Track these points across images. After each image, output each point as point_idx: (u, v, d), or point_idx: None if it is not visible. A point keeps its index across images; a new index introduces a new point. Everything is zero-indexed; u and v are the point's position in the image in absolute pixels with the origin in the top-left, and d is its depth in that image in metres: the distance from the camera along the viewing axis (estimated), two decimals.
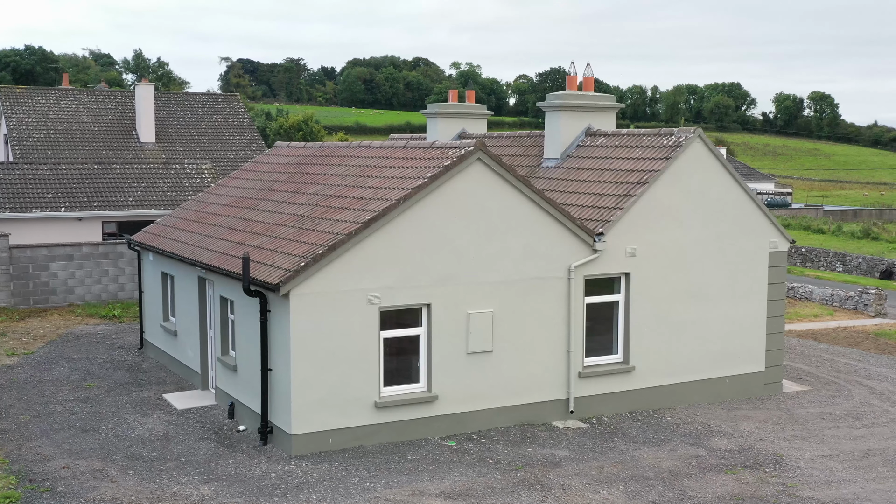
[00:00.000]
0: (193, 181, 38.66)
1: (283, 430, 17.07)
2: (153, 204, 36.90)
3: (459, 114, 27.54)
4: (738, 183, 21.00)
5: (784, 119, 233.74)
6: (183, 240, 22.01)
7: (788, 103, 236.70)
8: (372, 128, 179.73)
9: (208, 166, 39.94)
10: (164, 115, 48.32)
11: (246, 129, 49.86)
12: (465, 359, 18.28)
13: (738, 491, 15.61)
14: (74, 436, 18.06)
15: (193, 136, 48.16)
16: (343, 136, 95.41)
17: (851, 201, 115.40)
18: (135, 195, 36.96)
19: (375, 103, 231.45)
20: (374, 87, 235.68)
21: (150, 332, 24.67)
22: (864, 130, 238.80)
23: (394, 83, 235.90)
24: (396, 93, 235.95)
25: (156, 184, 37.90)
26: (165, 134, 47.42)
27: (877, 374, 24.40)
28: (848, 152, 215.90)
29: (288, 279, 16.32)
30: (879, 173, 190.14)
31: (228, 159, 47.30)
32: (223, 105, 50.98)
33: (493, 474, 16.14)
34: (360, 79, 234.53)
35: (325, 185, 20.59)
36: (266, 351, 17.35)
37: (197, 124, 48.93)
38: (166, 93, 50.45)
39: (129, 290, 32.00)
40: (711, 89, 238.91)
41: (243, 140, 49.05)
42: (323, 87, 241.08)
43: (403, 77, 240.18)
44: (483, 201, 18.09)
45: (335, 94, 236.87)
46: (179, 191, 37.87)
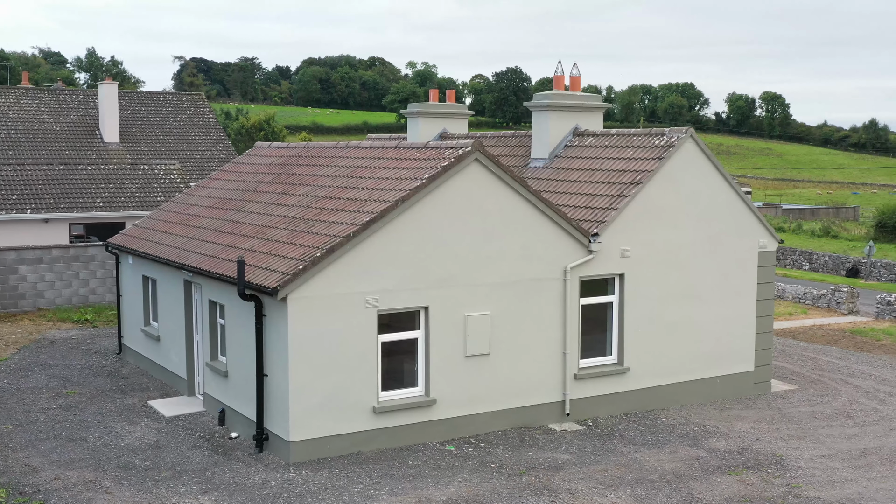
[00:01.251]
0: (162, 182, 37.95)
1: (281, 436, 16.69)
2: (122, 205, 36.16)
3: (441, 113, 27.25)
4: (728, 183, 21.00)
5: (737, 119, 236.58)
6: (166, 242, 21.49)
7: (741, 103, 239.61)
8: (329, 127, 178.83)
9: (177, 167, 39.24)
10: (127, 115, 47.40)
11: (212, 129, 49.11)
12: (463, 362, 18.03)
13: (744, 492, 15.54)
14: (61, 445, 17.51)
15: (158, 136, 47.32)
16: (306, 136, 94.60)
17: (806, 200, 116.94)
18: (102, 196, 36.18)
19: (332, 103, 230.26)
20: (330, 87, 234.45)
21: (130, 336, 24.08)
22: (814, 130, 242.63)
23: (350, 83, 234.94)
24: (353, 92, 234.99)
25: (123, 185, 37.14)
26: (130, 134, 46.54)
27: (860, 372, 24.58)
28: (799, 151, 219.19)
29: (286, 283, 15.95)
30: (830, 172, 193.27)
31: (195, 160, 46.57)
32: (188, 105, 50.16)
33: (497, 479, 15.91)
34: (315, 78, 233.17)
35: (314, 185, 20.21)
36: (261, 356, 16.96)
37: (162, 124, 48.08)
38: (130, 92, 49.52)
39: (101, 293, 31.30)
40: (665, 89, 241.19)
41: (209, 140, 48.31)
42: (278, 87, 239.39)
43: (359, 76, 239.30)
44: (480, 202, 17.86)
45: (291, 93, 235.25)
46: (148, 192, 37.16)
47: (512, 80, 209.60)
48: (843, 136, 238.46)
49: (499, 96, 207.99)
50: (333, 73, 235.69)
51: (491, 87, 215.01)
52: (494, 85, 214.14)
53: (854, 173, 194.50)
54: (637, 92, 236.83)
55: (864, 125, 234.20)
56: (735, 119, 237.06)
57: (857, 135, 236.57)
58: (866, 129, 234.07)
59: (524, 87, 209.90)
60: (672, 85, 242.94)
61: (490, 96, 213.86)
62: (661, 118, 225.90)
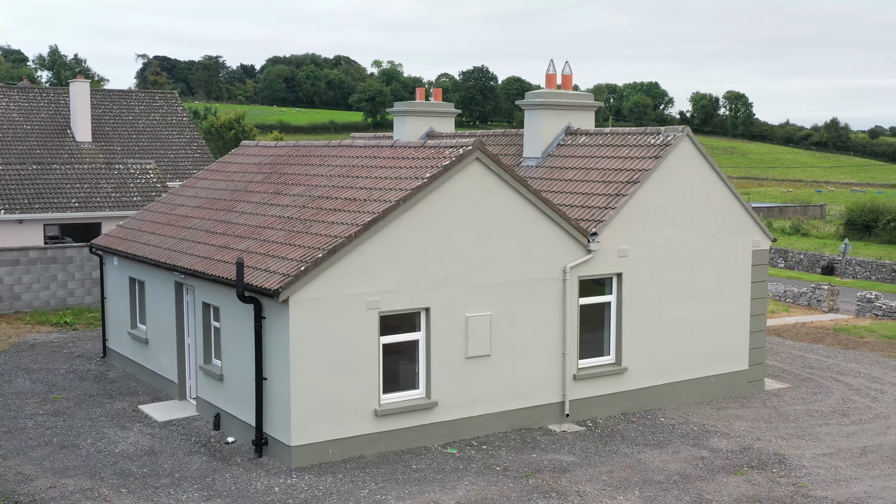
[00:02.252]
0: (138, 182, 37.35)
1: (282, 441, 16.38)
2: (97, 205, 35.53)
3: (428, 112, 27.03)
4: (723, 181, 20.98)
5: (701, 118, 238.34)
6: (155, 243, 21.06)
7: (705, 102, 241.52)
8: (296, 126, 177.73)
9: (153, 166, 38.64)
10: (99, 114, 46.63)
11: (185, 128, 48.47)
12: (464, 363, 17.82)
13: (752, 493, 15.48)
14: (54, 452, 17.06)
15: (131, 134, 46.61)
16: (277, 136, 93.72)
17: (772, 198, 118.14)
18: (77, 196, 35.53)
19: (297, 101, 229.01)
20: (295, 86, 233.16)
21: (115, 339, 23.59)
22: (776, 129, 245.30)
23: (316, 81, 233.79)
24: (318, 91, 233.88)
25: (99, 185, 36.50)
26: (102, 133, 45.79)
27: (848, 369, 24.69)
28: (762, 150, 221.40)
29: (288, 284, 15.64)
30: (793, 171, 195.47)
31: (169, 159, 45.92)
32: (161, 103, 49.45)
33: (504, 482, 15.72)
34: (281, 77, 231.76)
35: (309, 185, 19.89)
36: (261, 359, 16.63)
37: (134, 123, 47.37)
38: (101, 90, 48.71)
39: (79, 295, 30.71)
40: (630, 88, 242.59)
41: (183, 139, 47.67)
42: (243, 85, 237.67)
43: (325, 75, 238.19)
44: (481, 202, 17.66)
45: (256, 92, 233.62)
46: (124, 192, 36.56)
47: (479, 79, 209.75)
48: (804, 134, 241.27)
49: (465, 95, 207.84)
50: (299, 72, 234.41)
51: (458, 86, 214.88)
52: (461, 84, 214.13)
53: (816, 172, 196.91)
54: (602, 91, 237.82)
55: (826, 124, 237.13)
56: (699, 118, 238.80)
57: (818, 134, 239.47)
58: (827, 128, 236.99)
59: (491, 86, 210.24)
60: (637, 84, 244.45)
61: (457, 95, 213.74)
62: (626, 117, 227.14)
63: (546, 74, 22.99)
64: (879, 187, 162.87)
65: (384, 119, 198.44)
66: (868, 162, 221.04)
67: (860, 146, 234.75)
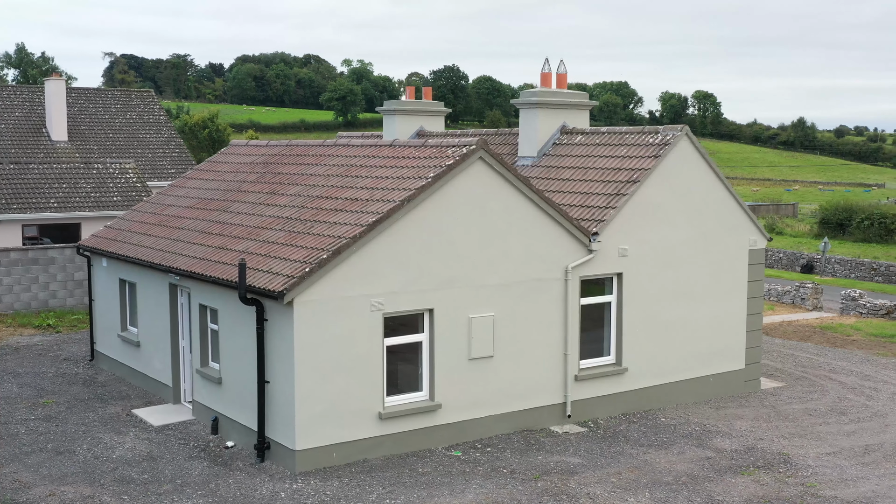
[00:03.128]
0: (118, 181, 36.82)
1: (285, 445, 16.10)
2: (77, 206, 34.99)
3: (417, 111, 26.79)
4: (720, 180, 20.95)
5: (670, 117, 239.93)
6: (147, 244, 20.67)
7: (674, 101, 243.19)
8: (266, 125, 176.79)
9: (132, 165, 38.11)
10: (75, 112, 45.96)
11: (163, 127, 47.88)
12: (467, 365, 17.64)
13: (761, 493, 15.42)
14: (49, 459, 16.67)
15: (108, 133, 45.98)
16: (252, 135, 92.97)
17: (744, 197, 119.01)
18: (56, 196, 34.96)
19: (267, 100, 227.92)
20: (265, 85, 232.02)
21: (103, 342, 23.15)
22: (744, 128, 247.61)
23: (285, 80, 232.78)
24: (288, 90, 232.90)
25: (78, 184, 35.93)
26: (78, 132, 45.13)
27: (840, 368, 24.78)
28: (731, 149, 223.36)
29: (293, 286, 15.36)
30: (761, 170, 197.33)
31: (147, 158, 45.35)
32: (137, 102, 48.82)
33: (513, 485, 15.55)
34: (250, 76, 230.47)
35: (306, 185, 19.61)
36: (263, 362, 16.33)
37: (111, 122, 46.73)
38: (77, 89, 47.98)
39: (62, 297, 30.17)
40: (600, 88, 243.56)
41: (161, 138, 47.10)
42: (212, 84, 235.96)
43: (295, 74, 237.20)
44: (484, 201, 17.48)
45: (225, 91, 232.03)
46: (104, 192, 36.03)
47: (450, 78, 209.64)
48: (772, 134, 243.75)
49: (436, 94, 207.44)
50: (268, 71, 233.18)
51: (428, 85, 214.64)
52: (432, 83, 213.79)
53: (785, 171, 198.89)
54: None
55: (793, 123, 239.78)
56: (668, 117, 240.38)
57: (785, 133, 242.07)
58: (795, 127, 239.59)
59: (461, 85, 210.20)
60: (607, 83, 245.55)
61: None
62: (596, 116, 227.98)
63: (541, 73, 22.84)
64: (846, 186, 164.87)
65: (355, 118, 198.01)
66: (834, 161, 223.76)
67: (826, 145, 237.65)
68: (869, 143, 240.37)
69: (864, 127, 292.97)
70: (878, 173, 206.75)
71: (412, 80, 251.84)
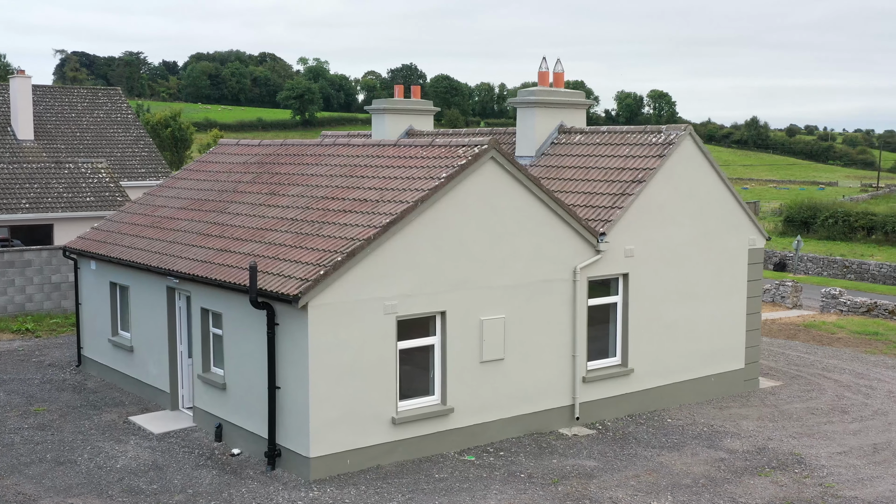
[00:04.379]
0: (90, 181, 36.00)
1: (298, 452, 15.69)
2: (49, 206, 34.16)
3: (407, 110, 26.46)
4: (722, 180, 20.90)
5: (626, 116, 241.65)
6: (141, 246, 20.10)
7: (629, 101, 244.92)
8: (223, 124, 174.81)
9: (104, 165, 37.31)
10: (40, 111, 44.89)
11: (131, 126, 46.95)
12: (478, 368, 17.37)
13: (782, 495, 15.35)
14: (51, 469, 16.10)
15: (75, 132, 44.98)
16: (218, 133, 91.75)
17: None
18: (28, 197, 34.09)
19: (222, 99, 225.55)
20: (220, 83, 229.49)
21: (92, 347, 22.51)
22: (699, 127, 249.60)
23: (241, 78, 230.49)
24: (244, 88, 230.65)
25: (49, 185, 35.08)
26: (44, 130, 44.09)
27: (832, 366, 24.91)
28: None
29: (307, 289, 14.97)
30: None
31: (116, 157, 44.43)
32: (104, 100, 47.82)
33: (533, 490, 15.31)
34: (205, 74, 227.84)
35: (308, 185, 19.19)
36: (274, 367, 15.91)
37: (78, 120, 45.72)
38: (41, 87, 46.87)
39: (38, 301, 29.36)
40: None
41: (129, 137, 46.18)
42: (166, 83, 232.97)
43: (250, 72, 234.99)
44: (495, 202, 17.22)
45: (179, 89, 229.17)
46: (76, 192, 35.21)
47: (407, 77, 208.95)
48: (726, 133, 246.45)
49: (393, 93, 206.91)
50: (223, 69, 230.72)
51: (386, 84, 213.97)
52: (390, 82, 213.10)
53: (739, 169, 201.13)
54: None
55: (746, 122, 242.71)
56: (624, 116, 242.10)
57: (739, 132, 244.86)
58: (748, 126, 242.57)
59: (420, 83, 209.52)
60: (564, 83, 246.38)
61: (385, 93, 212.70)
62: None
63: (538, 72, 22.65)
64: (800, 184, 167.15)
65: (313, 117, 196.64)
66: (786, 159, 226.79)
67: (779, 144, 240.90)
68: (820, 142, 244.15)
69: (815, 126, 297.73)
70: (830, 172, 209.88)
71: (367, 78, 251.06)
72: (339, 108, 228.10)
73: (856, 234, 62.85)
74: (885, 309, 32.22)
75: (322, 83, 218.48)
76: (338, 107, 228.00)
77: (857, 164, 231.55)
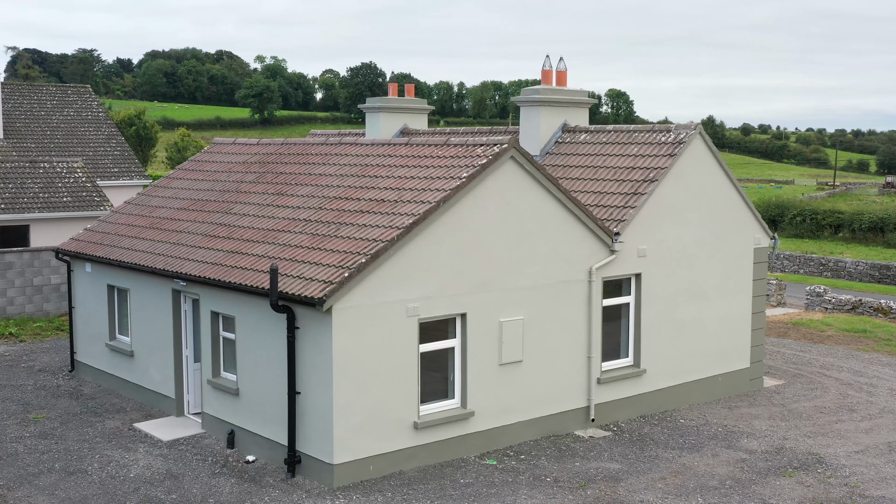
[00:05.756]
0: (66, 181, 35.13)
1: (321, 459, 15.31)
2: (25, 207, 33.24)
3: (402, 108, 26.10)
4: (729, 179, 20.85)
5: None
6: (142, 248, 19.55)
7: None
8: (180, 122, 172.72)
9: (80, 164, 36.43)
10: (8, 108, 43.79)
11: (102, 124, 46.00)
12: (497, 370, 17.11)
13: (811, 495, 15.28)
14: (62, 480, 15.54)
15: (45, 131, 43.96)
16: (185, 132, 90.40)
17: None
18: (3, 198, 33.15)
19: (178, 97, 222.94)
20: (176, 81, 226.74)
21: (86, 352, 21.88)
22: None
23: (197, 76, 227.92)
24: (200, 86, 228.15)
25: (25, 185, 34.15)
26: (13, 129, 43.03)
27: (829, 364, 25.02)
28: None
29: (332, 292, 14.60)
30: None
31: (88, 157, 43.47)
32: (74, 98, 46.81)
33: (563, 494, 15.08)
34: (160, 71, 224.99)
35: (318, 185, 18.79)
36: (293, 372, 15.51)
37: (48, 118, 44.70)
38: (9, 84, 45.75)
39: (20, 304, 28.55)
40: (516, 86, 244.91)
41: (101, 136, 45.23)
42: (121, 80, 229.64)
43: (207, 70, 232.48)
44: (514, 202, 16.97)
45: (135, 87, 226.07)
46: (52, 192, 34.32)
47: (367, 76, 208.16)
48: None
49: (354, 91, 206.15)
50: (180, 67, 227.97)
51: (346, 83, 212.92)
52: (349, 80, 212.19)
53: None
54: (489, 88, 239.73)
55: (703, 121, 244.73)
56: None
57: None
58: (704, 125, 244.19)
59: (379, 82, 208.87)
60: (522, 82, 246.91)
61: (344, 91, 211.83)
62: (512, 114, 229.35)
63: (542, 70, 22.41)
64: (758, 182, 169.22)
65: (272, 115, 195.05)
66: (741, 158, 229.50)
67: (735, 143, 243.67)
68: (775, 141, 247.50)
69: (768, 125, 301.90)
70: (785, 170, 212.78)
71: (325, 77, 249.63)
72: (298, 106, 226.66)
73: (823, 232, 63.60)
74: (870, 306, 32.51)
75: (280, 81, 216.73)
76: (296, 105, 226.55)
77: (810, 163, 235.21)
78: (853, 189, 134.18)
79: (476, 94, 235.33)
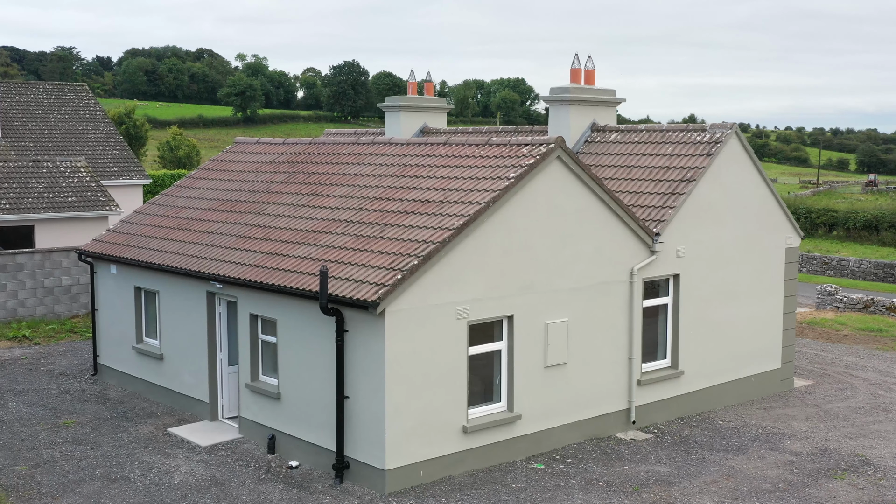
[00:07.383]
0: (70, 181, 34.63)
1: (372, 465, 15.04)
2: (30, 207, 32.74)
3: (422, 107, 25.81)
4: (763, 178, 20.75)
5: None
6: (172, 249, 19.20)
7: None
8: (162, 121, 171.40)
9: (84, 164, 35.93)
10: (6, 107, 43.23)
11: (101, 123, 45.47)
12: (543, 373, 16.91)
13: (867, 498, 15.17)
14: (105, 487, 15.20)
15: (43, 130, 43.41)
16: (177, 131, 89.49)
17: None
18: (8, 198, 32.62)
19: (159, 95, 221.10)
20: (156, 79, 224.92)
21: (110, 355, 21.49)
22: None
23: (178, 75, 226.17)
24: (181, 85, 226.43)
25: (29, 184, 33.64)
26: (11, 128, 42.45)
27: (853, 364, 24.97)
28: None
29: (385, 294, 14.33)
30: None
31: (87, 156, 42.93)
32: (71, 96, 46.24)
33: (618, 499, 14.89)
34: (141, 70, 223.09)
35: (355, 185, 18.50)
36: (342, 376, 15.24)
37: (45, 117, 44.13)
38: (5, 82, 45.13)
39: (31, 306, 28.07)
40: (497, 84, 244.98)
41: (99, 134, 44.71)
42: (101, 78, 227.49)
43: (188, 68, 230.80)
44: (560, 202, 16.77)
45: (115, 85, 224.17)
46: (57, 192, 33.82)
47: (349, 74, 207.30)
48: None
49: (336, 90, 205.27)
50: (161, 65, 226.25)
51: (328, 81, 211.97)
52: (332, 79, 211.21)
53: None
54: (471, 87, 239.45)
55: (684, 120, 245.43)
56: None
57: None
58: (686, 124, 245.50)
59: (362, 80, 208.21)
60: (504, 80, 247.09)
61: (327, 90, 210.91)
62: (494, 113, 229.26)
63: (570, 69, 22.20)
64: None
65: (255, 114, 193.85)
66: None
67: None
68: (755, 140, 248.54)
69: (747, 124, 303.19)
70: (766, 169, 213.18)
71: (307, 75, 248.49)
72: (279, 104, 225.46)
73: (817, 231, 63.77)
74: (883, 305, 32.54)
75: (261, 80, 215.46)
76: (278, 104, 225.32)
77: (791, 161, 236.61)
78: (836, 187, 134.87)
79: (458, 92, 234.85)
